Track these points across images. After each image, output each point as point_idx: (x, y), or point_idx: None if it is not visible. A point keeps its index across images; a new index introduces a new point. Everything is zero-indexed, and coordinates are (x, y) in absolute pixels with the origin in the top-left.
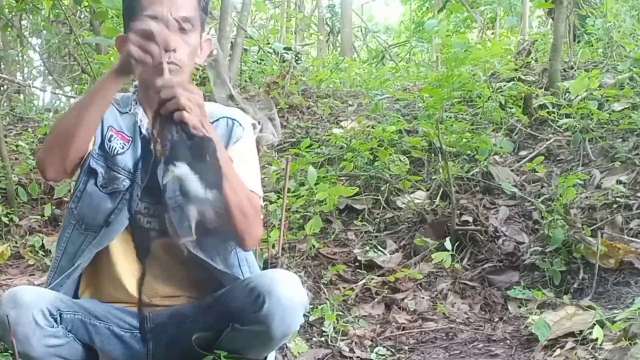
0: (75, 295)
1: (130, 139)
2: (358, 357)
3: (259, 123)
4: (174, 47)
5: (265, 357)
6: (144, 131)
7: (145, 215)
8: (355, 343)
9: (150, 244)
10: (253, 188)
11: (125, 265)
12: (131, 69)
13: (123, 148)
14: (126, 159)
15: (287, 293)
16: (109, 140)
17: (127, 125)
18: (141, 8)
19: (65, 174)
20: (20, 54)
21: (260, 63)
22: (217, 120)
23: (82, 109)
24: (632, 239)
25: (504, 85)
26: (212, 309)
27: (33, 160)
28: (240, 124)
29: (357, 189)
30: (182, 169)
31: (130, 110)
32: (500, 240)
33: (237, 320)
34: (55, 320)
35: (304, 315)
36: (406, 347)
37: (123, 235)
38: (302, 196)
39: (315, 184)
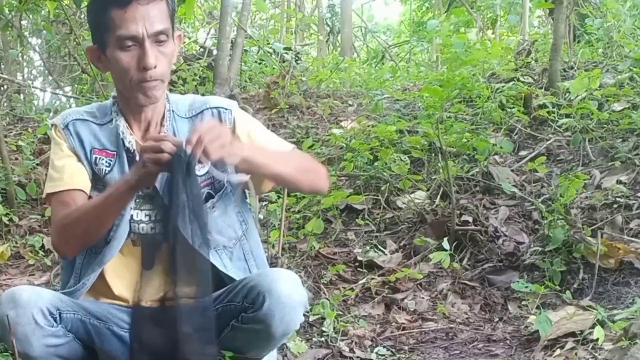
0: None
1: (115, 153)
2: (358, 357)
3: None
4: (155, 64)
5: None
6: (127, 144)
7: (148, 222)
8: (355, 343)
9: (159, 247)
10: (288, 148)
11: (124, 270)
12: (149, 182)
13: (110, 165)
14: (115, 176)
15: (287, 291)
16: (96, 164)
17: (108, 138)
18: (114, 26)
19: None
20: (20, 54)
21: (260, 63)
22: (201, 112)
23: (102, 216)
24: (632, 239)
25: (504, 85)
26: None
27: (33, 160)
28: (225, 109)
29: (358, 189)
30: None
31: (111, 122)
32: (500, 240)
33: (237, 319)
34: (55, 320)
35: (304, 314)
36: (406, 347)
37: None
38: (305, 197)
39: None
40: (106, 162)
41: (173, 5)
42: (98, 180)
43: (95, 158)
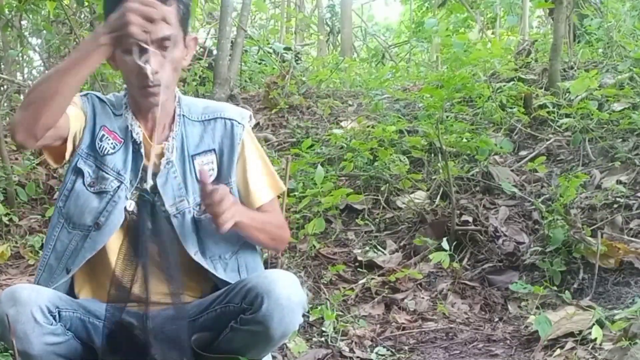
0: (72, 294)
1: (123, 140)
2: (358, 357)
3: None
4: (157, 70)
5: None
6: (134, 135)
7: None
8: (355, 343)
9: (146, 243)
10: (274, 192)
11: (121, 264)
12: (123, 44)
13: (114, 148)
14: (116, 160)
15: (286, 293)
16: (100, 140)
17: (120, 127)
18: None
19: (34, 140)
20: (20, 54)
21: (260, 63)
22: (214, 119)
23: (64, 75)
24: (632, 239)
25: (504, 85)
26: (211, 309)
27: (33, 160)
28: (239, 123)
29: (358, 189)
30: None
31: (122, 115)
32: (500, 240)
33: (235, 321)
34: (54, 318)
35: (303, 315)
36: (406, 347)
37: (118, 235)
38: (307, 196)
39: (321, 184)
40: (112, 144)
41: (185, 10)
42: (97, 158)
43: (102, 135)
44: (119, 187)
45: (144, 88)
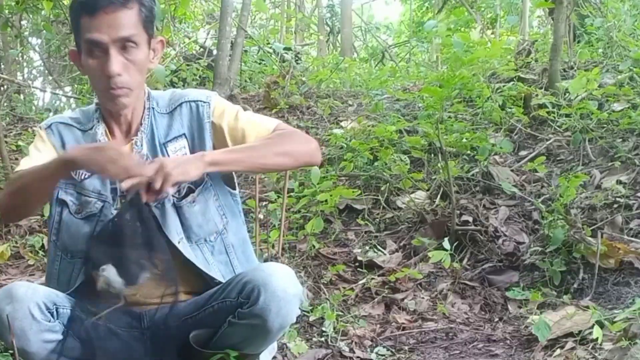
0: None
1: None
2: (358, 357)
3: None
4: (119, 72)
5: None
6: None
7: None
8: (355, 343)
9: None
10: (271, 126)
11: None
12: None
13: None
14: (94, 182)
15: (282, 285)
16: None
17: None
18: (83, 32)
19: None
20: (20, 54)
21: (260, 63)
22: (180, 106)
23: (38, 186)
24: (632, 239)
25: (504, 86)
26: (207, 305)
27: None
28: (204, 102)
29: (358, 189)
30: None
31: (92, 128)
32: (500, 240)
33: (233, 315)
34: (52, 315)
35: (305, 314)
36: (406, 347)
37: None
38: (306, 196)
39: (318, 184)
40: None
41: (148, 13)
42: (76, 185)
43: None
44: (103, 206)
45: (107, 91)
